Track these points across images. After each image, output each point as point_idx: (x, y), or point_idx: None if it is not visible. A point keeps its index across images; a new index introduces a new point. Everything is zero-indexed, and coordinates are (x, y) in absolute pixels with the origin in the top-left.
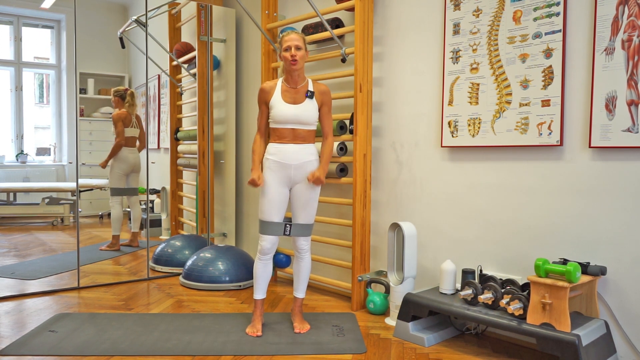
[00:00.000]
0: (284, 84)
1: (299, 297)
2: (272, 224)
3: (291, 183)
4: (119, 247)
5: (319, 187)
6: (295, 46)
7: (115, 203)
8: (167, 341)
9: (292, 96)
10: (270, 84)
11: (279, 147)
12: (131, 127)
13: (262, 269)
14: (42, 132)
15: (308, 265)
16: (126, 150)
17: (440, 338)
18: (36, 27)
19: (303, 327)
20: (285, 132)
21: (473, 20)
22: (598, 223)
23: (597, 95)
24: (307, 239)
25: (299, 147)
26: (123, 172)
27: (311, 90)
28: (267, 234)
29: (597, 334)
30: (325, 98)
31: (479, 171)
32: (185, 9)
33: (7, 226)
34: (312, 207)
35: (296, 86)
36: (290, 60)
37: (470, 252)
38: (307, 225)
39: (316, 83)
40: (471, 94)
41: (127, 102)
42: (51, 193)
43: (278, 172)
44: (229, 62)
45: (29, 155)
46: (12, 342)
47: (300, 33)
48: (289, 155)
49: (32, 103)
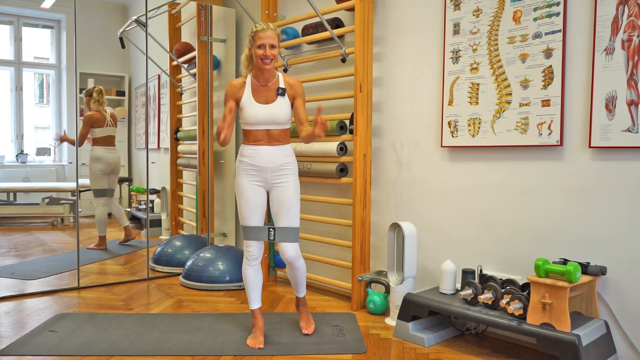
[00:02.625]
0: (253, 81)
1: (300, 296)
2: (254, 229)
3: (268, 186)
4: (105, 247)
5: (298, 186)
6: (269, 45)
7: (99, 204)
8: (167, 341)
9: (263, 94)
10: (240, 81)
11: (254, 149)
12: (106, 126)
13: (252, 275)
14: (42, 132)
15: (302, 270)
16: (101, 150)
17: (440, 338)
18: (36, 27)
19: (310, 327)
20: (259, 134)
21: (473, 20)
22: (598, 223)
23: (597, 95)
24: (294, 246)
25: (275, 148)
26: (102, 172)
27: (282, 87)
28: (251, 239)
29: (597, 334)
30: (297, 89)
31: (479, 171)
32: (185, 9)
33: (7, 226)
34: (294, 208)
35: (267, 84)
36: (263, 58)
37: (470, 252)
38: (291, 228)
39: (286, 77)
40: (471, 94)
41: (94, 99)
42: (51, 193)
43: (254, 176)
44: (229, 62)
45: (29, 155)
46: (12, 342)
47: (275, 29)
48: (264, 158)
49: (32, 103)
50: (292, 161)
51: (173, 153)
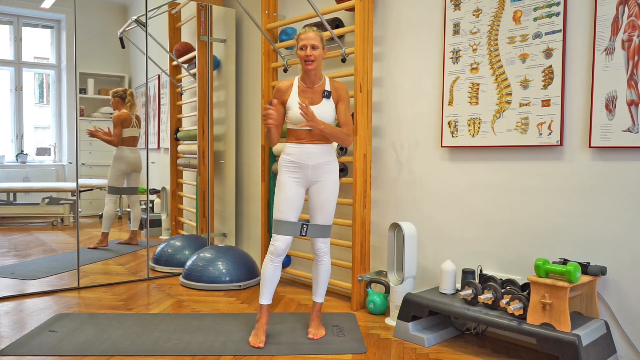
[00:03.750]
0: (300, 83)
1: (318, 301)
2: (288, 224)
3: (308, 183)
4: (106, 244)
5: (337, 185)
6: (311, 45)
7: (110, 201)
8: (167, 341)
9: (309, 96)
10: (287, 84)
11: (297, 147)
12: (131, 127)
13: (272, 271)
14: (42, 132)
15: (327, 269)
16: (127, 150)
17: (440, 338)
18: (36, 27)
19: (318, 333)
20: (303, 133)
21: (473, 20)
22: (598, 223)
23: (597, 95)
24: (326, 241)
25: (317, 147)
26: (123, 172)
27: (328, 89)
28: (282, 234)
29: (597, 334)
30: (342, 94)
31: (479, 171)
32: (185, 9)
33: (7, 226)
34: (330, 208)
35: (313, 86)
36: (305, 59)
37: (470, 252)
38: (325, 226)
39: (333, 81)
40: (471, 94)
41: (128, 102)
42: (51, 193)
43: (295, 172)
44: (229, 62)
45: (29, 155)
46: (12, 342)
47: (317, 31)
48: (306, 155)
49: (32, 103)
50: (333, 160)
51: (173, 153)
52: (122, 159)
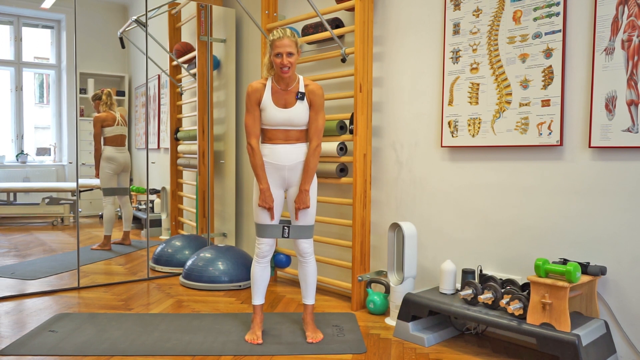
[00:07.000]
0: (274, 84)
1: (308, 304)
2: (269, 227)
3: (286, 184)
4: (110, 247)
5: (316, 186)
6: (286, 52)
7: (108, 203)
8: (167, 341)
9: (283, 98)
10: (259, 84)
11: (271, 147)
12: (116, 125)
13: (260, 273)
14: (42, 132)
15: (314, 270)
16: (112, 150)
17: (440, 338)
18: (36, 27)
19: (316, 337)
20: (277, 133)
21: (473, 20)
22: (598, 223)
23: (597, 95)
24: (309, 242)
25: (292, 147)
26: (113, 172)
27: (302, 91)
28: (264, 237)
29: (597, 334)
30: (315, 99)
31: (479, 171)
32: (185, 9)
33: (7, 226)
34: (311, 208)
35: (287, 88)
36: (281, 67)
37: (470, 252)
38: (307, 226)
39: (308, 82)
40: (471, 94)
41: (102, 101)
42: (51, 193)
43: (272, 174)
44: (229, 62)
45: (29, 155)
46: (12, 342)
47: (291, 36)
48: (281, 155)
49: (32, 103)
50: None
51: (173, 153)
52: (108, 159)
